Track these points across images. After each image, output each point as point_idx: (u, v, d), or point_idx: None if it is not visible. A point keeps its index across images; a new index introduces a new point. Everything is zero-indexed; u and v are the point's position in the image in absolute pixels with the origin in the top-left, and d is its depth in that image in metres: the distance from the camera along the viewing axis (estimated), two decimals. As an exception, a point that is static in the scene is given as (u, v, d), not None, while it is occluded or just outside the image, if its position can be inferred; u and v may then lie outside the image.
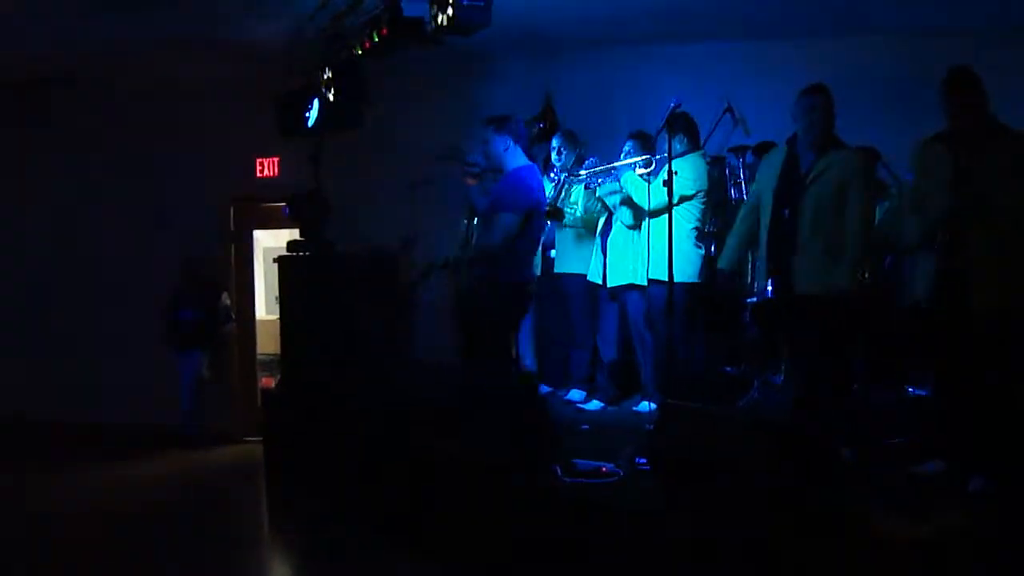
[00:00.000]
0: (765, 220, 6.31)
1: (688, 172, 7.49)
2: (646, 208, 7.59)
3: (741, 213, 6.77)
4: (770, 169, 6.34)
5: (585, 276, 8.53)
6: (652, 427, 6.34)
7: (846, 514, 4.82)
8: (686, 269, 7.41)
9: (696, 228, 7.71)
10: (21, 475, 10.19)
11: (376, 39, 7.92)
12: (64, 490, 9.51)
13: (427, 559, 6.94)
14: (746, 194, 8.44)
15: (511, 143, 6.70)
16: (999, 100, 5.66)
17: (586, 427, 7.72)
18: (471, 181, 7.35)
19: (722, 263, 6.87)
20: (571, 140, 8.76)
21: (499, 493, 6.39)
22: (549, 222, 8.33)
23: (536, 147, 8.99)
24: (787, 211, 6.13)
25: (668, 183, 6.85)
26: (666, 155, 7.43)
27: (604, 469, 6.05)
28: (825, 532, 4.69)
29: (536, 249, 6.91)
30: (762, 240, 6.38)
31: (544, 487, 6.02)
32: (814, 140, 6.10)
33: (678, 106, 7.30)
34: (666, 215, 6.98)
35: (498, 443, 6.44)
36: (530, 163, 6.85)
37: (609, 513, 5.57)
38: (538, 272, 8.62)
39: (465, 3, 6.61)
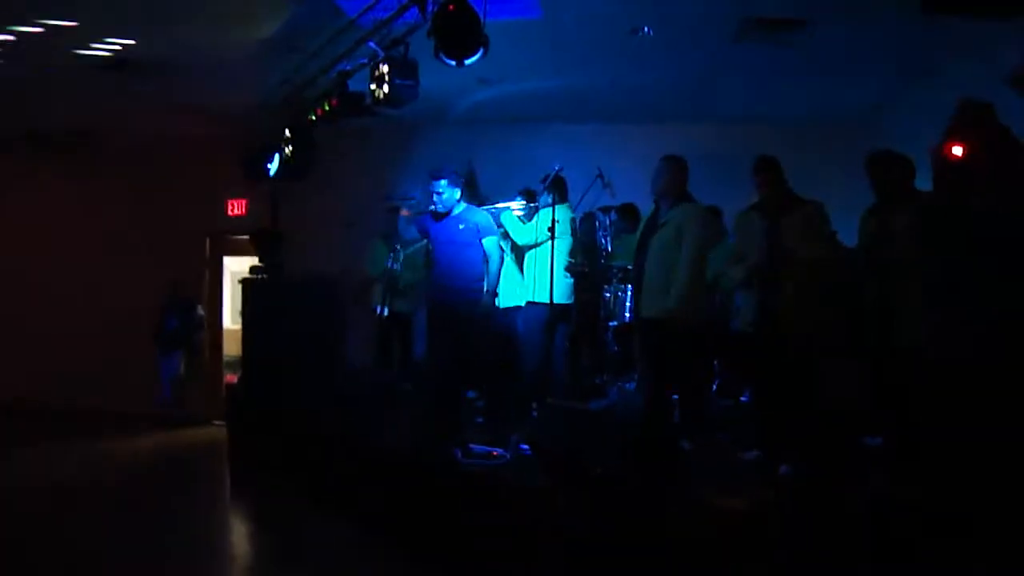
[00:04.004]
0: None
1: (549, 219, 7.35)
2: (517, 241, 7.54)
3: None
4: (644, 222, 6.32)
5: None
6: (535, 419, 6.26)
7: (685, 490, 4.81)
8: (559, 293, 7.30)
9: (568, 263, 7.61)
10: (39, 446, 10.20)
11: (327, 108, 7.82)
12: (70, 460, 9.43)
13: (355, 522, 6.83)
14: (610, 244, 8.46)
15: (461, 190, 6.59)
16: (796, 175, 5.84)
17: (480, 420, 7.58)
18: (406, 213, 7.12)
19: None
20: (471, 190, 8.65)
21: (411, 470, 6.30)
22: None
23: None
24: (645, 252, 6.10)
25: (551, 228, 6.84)
26: (538, 205, 7.43)
27: (495, 453, 5.96)
28: (669, 504, 4.66)
29: None
30: None
31: (447, 466, 5.91)
32: (665, 195, 6.08)
33: (560, 169, 7.31)
34: (536, 249, 7.23)
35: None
36: (470, 205, 6.74)
37: (498, 488, 5.50)
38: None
39: (398, 83, 6.51)
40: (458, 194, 6.54)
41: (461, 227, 6.51)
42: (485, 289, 6.48)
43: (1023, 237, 4.27)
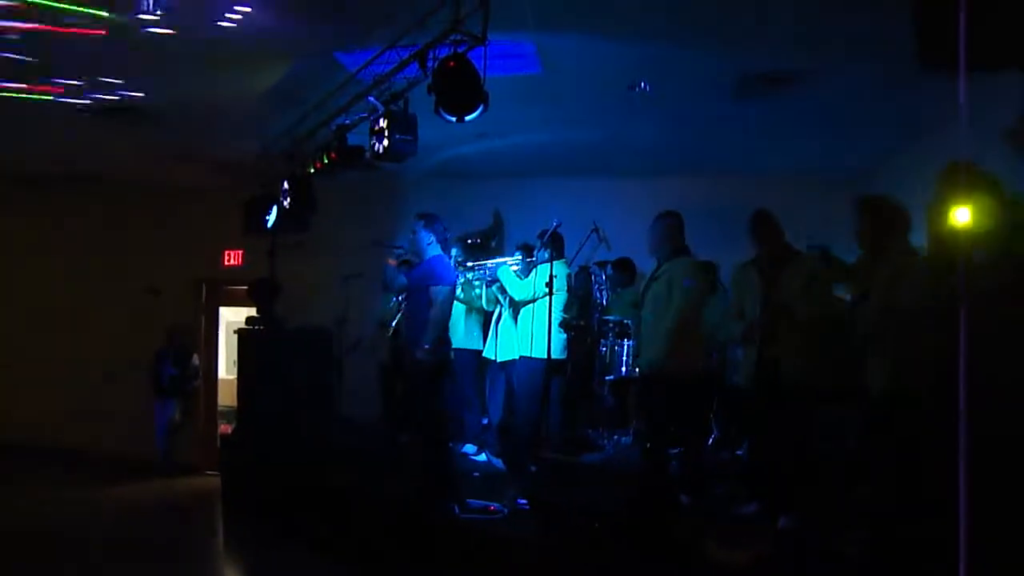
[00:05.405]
0: None
1: (547, 275, 7.36)
2: (514, 297, 7.62)
3: None
4: None
5: (471, 351, 8.37)
6: (531, 473, 6.24)
7: (684, 545, 4.78)
8: (554, 348, 7.25)
9: (563, 318, 7.62)
10: (29, 490, 10.10)
11: (326, 161, 7.85)
12: (60, 505, 9.33)
13: (350, 574, 6.78)
14: (606, 298, 8.50)
15: (433, 239, 6.61)
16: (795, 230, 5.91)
17: (477, 475, 7.54)
18: (392, 262, 7.19)
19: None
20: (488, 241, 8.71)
21: (407, 523, 6.23)
22: None
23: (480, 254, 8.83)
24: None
25: (549, 284, 6.88)
26: (536, 260, 7.47)
27: (492, 508, 5.93)
28: (668, 559, 4.62)
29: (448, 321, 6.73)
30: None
31: (443, 521, 5.86)
32: (660, 251, 6.18)
33: (559, 225, 7.35)
34: (533, 304, 7.33)
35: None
36: (443, 254, 6.76)
37: (495, 542, 5.45)
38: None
39: (397, 137, 6.54)
40: (430, 239, 6.60)
41: (419, 274, 6.59)
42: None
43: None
